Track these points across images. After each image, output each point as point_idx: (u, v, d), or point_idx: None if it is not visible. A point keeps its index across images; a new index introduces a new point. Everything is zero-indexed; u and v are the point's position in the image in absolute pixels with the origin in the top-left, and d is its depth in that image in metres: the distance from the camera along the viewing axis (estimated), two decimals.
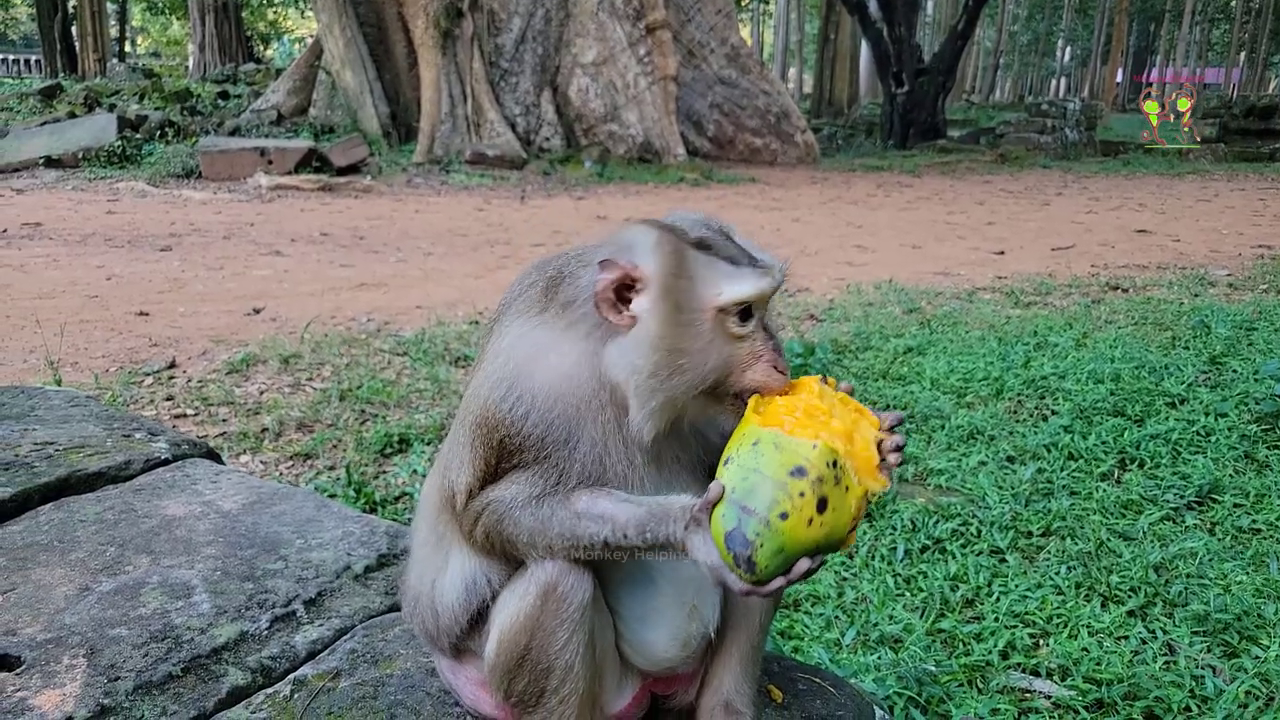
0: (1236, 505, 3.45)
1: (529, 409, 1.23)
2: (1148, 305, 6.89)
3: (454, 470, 1.32)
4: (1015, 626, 2.69)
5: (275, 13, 49.74)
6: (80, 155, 15.22)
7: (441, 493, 1.37)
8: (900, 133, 24.82)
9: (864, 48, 31.05)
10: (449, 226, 11.19)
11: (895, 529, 3.27)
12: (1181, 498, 3.49)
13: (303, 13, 46.34)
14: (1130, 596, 2.84)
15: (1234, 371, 4.90)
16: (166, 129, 16.88)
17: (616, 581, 1.34)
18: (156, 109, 19.04)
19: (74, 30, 34.01)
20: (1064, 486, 3.62)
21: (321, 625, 1.74)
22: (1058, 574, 2.97)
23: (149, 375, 4.96)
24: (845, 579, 2.99)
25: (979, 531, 3.26)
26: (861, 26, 26.64)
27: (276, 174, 14.44)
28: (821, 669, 1.73)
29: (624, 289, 1.21)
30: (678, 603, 1.35)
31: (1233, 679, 2.43)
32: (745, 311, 1.23)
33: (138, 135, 16.34)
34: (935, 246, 10.24)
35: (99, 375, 4.90)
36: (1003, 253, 9.77)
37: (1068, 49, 62.04)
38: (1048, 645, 2.63)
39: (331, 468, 3.83)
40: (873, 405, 1.37)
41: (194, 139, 16.44)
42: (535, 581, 1.25)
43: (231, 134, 17.26)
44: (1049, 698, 2.41)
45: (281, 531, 2.06)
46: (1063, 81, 63.10)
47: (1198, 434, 4.06)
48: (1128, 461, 3.88)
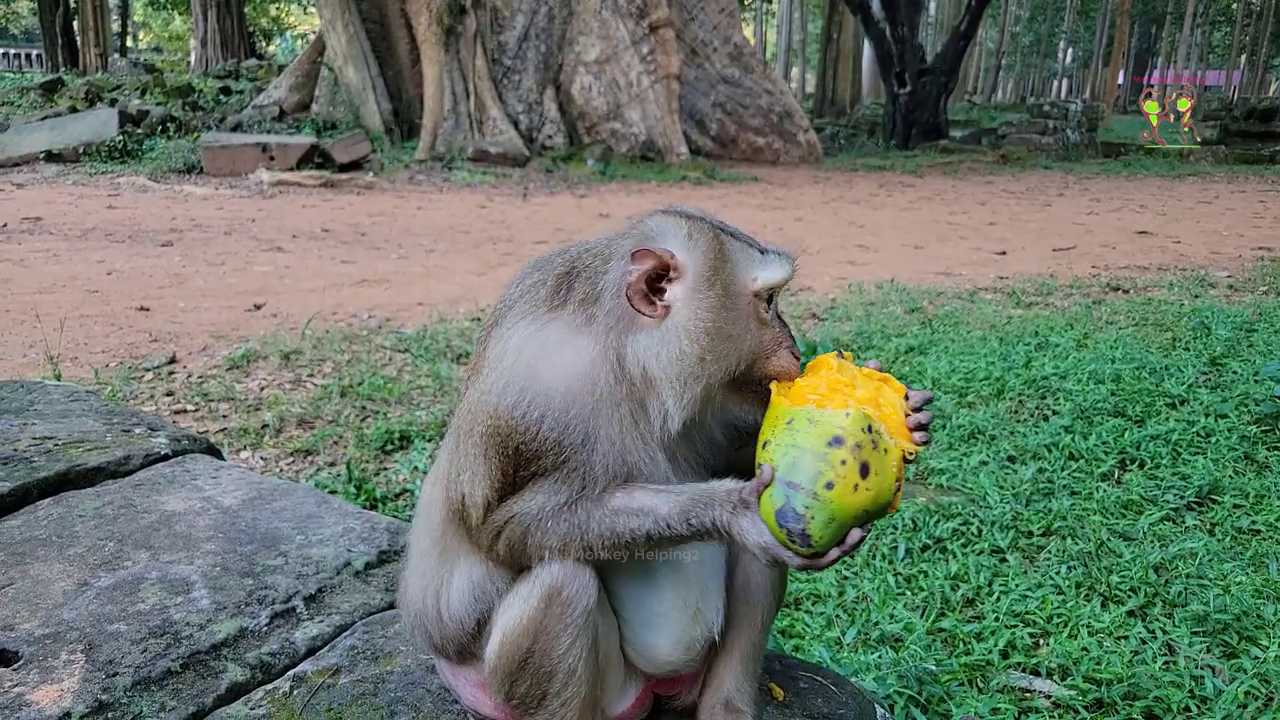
0: (1236, 506, 3.45)
1: (544, 412, 1.19)
2: (1148, 306, 6.88)
3: (464, 483, 1.27)
4: (1015, 626, 2.69)
5: (278, 8, 49.73)
6: (81, 150, 15.20)
7: (448, 505, 1.32)
8: (902, 133, 24.80)
9: (866, 48, 31.06)
10: (451, 223, 11.18)
11: (896, 528, 3.27)
12: (1181, 498, 3.49)
13: (305, 8, 46.33)
14: (1130, 596, 2.84)
15: (1234, 373, 4.90)
16: (168, 124, 16.86)
17: (620, 584, 1.32)
18: (158, 104, 19.02)
19: (75, 25, 33.98)
20: (1064, 486, 3.61)
21: (322, 622, 1.74)
22: (1058, 574, 2.97)
23: (149, 370, 4.96)
24: (846, 578, 2.99)
25: (980, 531, 3.26)
26: (864, 26, 26.62)
27: (278, 170, 14.43)
28: (823, 667, 1.73)
29: (654, 279, 1.21)
30: (682, 605, 1.34)
31: (1232, 679, 2.43)
32: (769, 298, 1.26)
33: (139, 130, 16.32)
34: (937, 246, 10.23)
35: (99, 370, 4.90)
36: (1004, 253, 9.77)
37: (1069, 50, 62.00)
38: (1048, 645, 2.62)
39: (332, 464, 3.83)
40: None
41: (196, 134, 16.43)
42: (540, 584, 1.23)
43: (233, 129, 17.25)
44: (1049, 697, 2.41)
45: (282, 528, 2.06)
46: (1064, 83, 63.06)
47: (1198, 435, 4.06)
48: (1128, 462, 3.87)
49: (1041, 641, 2.66)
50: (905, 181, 18.00)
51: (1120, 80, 45.81)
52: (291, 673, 1.59)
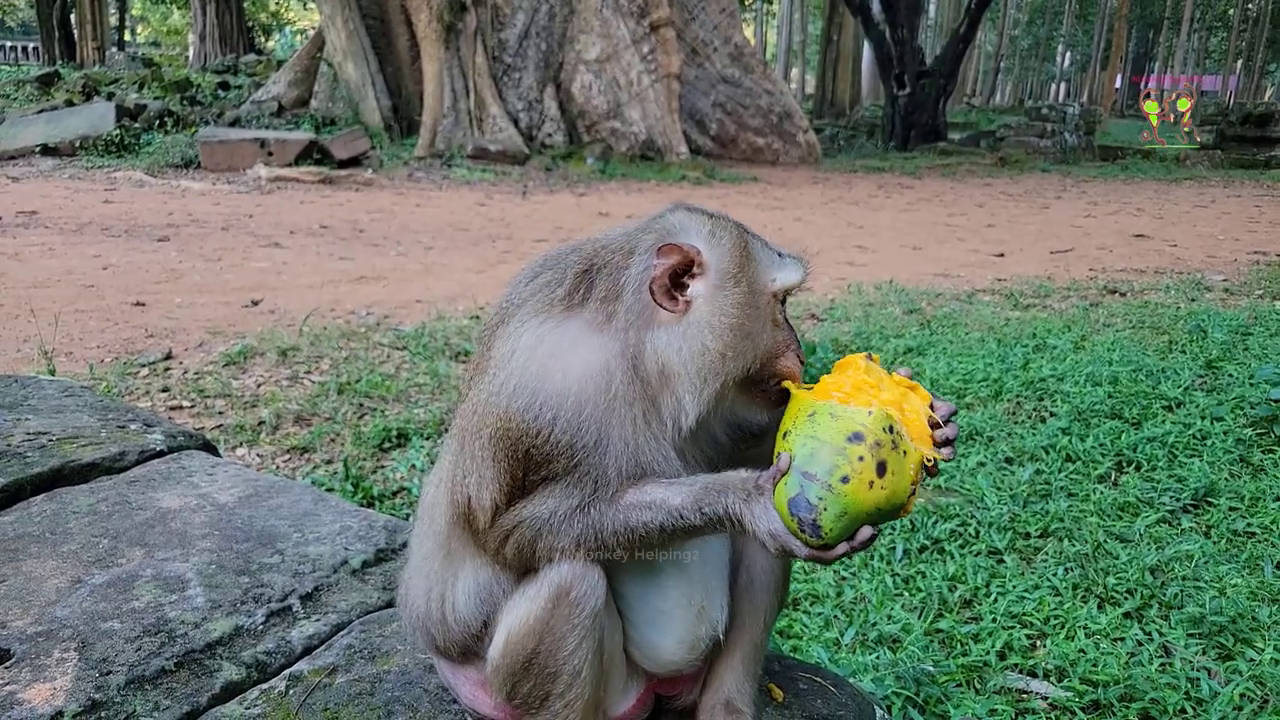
0: (1232, 508, 3.45)
1: (556, 414, 1.17)
2: (1145, 309, 6.89)
3: (470, 486, 1.24)
4: (1013, 627, 2.69)
5: (277, 4, 49.63)
6: (78, 144, 15.14)
7: (453, 509, 1.30)
8: (901, 134, 24.83)
9: (866, 49, 31.07)
10: (450, 221, 11.16)
11: (894, 529, 3.26)
12: (1178, 500, 3.49)
13: (305, 4, 46.21)
14: (1127, 598, 2.84)
15: (1230, 376, 4.90)
16: (165, 119, 16.81)
17: (625, 583, 1.31)
18: (156, 98, 18.96)
19: (73, 18, 33.88)
20: (1062, 488, 3.62)
21: (318, 620, 1.72)
22: (1055, 575, 2.97)
23: (145, 366, 4.94)
24: (844, 579, 2.99)
25: (977, 532, 3.26)
26: (864, 28, 26.65)
27: (276, 165, 14.39)
28: (822, 668, 1.73)
29: (677, 275, 1.20)
30: (686, 603, 1.33)
31: (1228, 681, 2.43)
32: (783, 300, 1.28)
33: (136, 124, 16.26)
34: (935, 248, 10.24)
35: (94, 365, 4.87)
36: (1002, 255, 9.78)
37: (1068, 54, 62.13)
38: (1045, 646, 2.62)
39: (329, 461, 3.82)
40: None
41: (193, 129, 16.37)
42: (548, 584, 1.22)
43: (231, 125, 17.20)
44: (1046, 699, 2.41)
45: (278, 525, 2.04)
46: (1062, 86, 63.20)
47: (1194, 437, 4.06)
48: (1125, 464, 3.88)
49: (1038, 643, 2.66)
50: (904, 183, 18.02)
51: (1118, 84, 45.91)
52: (287, 672, 1.58)
